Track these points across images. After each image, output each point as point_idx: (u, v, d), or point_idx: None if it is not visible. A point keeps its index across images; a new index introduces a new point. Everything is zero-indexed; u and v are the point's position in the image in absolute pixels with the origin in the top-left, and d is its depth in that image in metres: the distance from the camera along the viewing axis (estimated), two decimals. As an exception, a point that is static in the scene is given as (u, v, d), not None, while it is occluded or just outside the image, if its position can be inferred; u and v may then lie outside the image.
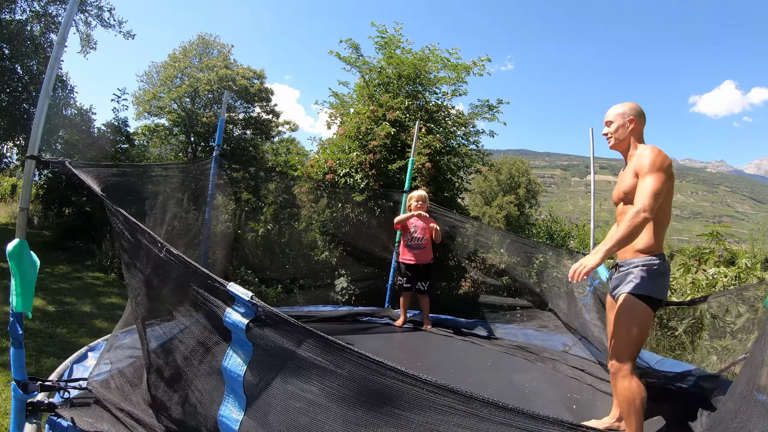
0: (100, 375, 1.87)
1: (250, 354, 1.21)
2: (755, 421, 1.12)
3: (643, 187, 2.12)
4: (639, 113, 2.37)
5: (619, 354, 2.20)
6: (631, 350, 2.20)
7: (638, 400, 2.14)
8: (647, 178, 2.13)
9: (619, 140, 2.37)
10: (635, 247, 2.25)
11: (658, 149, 2.21)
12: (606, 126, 2.44)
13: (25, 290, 1.71)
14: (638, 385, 2.16)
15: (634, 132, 2.35)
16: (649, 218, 2.06)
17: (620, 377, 2.18)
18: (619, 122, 2.36)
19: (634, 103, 2.41)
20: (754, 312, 3.57)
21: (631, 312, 2.17)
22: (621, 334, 2.20)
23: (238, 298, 1.20)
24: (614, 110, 2.40)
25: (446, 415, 0.98)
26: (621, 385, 2.18)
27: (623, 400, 2.18)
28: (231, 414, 1.22)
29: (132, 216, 1.56)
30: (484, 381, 2.97)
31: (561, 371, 3.29)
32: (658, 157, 2.17)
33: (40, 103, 1.72)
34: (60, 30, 1.79)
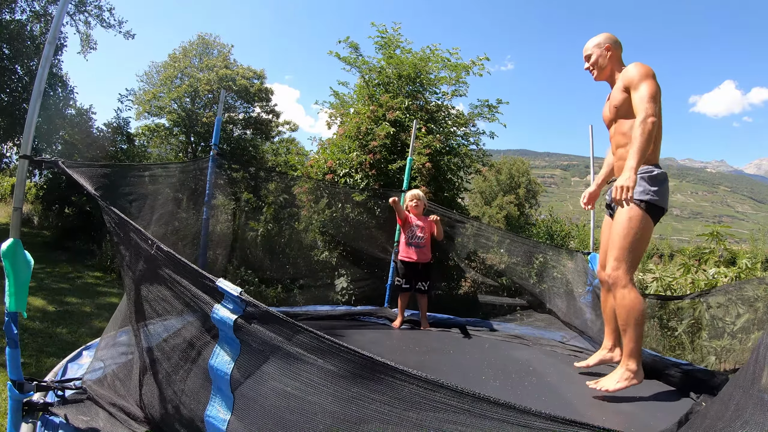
0: (94, 373, 1.86)
1: (238, 351, 1.19)
2: (751, 411, 1.11)
3: (640, 94, 2.16)
4: (614, 41, 2.45)
5: (618, 263, 2.16)
6: (631, 258, 2.17)
7: (638, 310, 2.12)
8: (641, 86, 2.17)
9: (601, 68, 2.45)
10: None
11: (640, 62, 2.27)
12: (586, 60, 2.51)
13: (20, 290, 1.70)
14: (637, 296, 2.13)
15: (613, 58, 2.44)
16: (657, 121, 2.09)
17: (619, 287, 2.15)
18: (598, 53, 2.45)
19: (607, 33, 2.50)
20: (754, 312, 3.56)
21: (630, 218, 2.15)
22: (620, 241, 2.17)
23: (227, 294, 1.19)
24: (590, 43, 2.49)
25: (438, 411, 0.97)
26: (620, 295, 2.15)
27: (622, 311, 2.15)
28: (218, 414, 1.21)
29: (129, 216, 1.55)
30: (484, 358, 2.96)
31: (558, 352, 3.30)
32: (644, 67, 2.23)
33: (32, 102, 1.71)
34: (51, 29, 1.78)
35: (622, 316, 2.15)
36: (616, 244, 2.18)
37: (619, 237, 2.17)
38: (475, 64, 6.97)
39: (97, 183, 1.79)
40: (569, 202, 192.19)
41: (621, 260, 2.16)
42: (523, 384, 2.46)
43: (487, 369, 2.68)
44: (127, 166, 6.35)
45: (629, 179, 2.03)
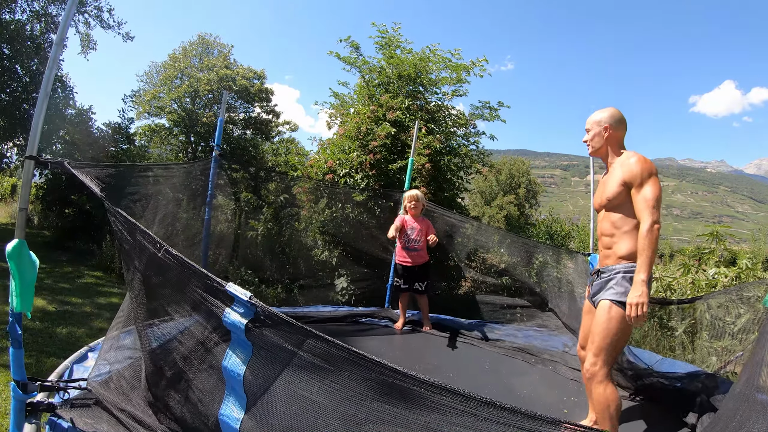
0: (99, 375, 1.87)
1: (250, 354, 1.21)
2: (754, 420, 1.12)
3: (645, 197, 2.12)
4: (616, 120, 2.36)
5: (596, 359, 2.17)
6: (608, 356, 2.18)
7: (613, 406, 2.13)
8: (645, 189, 2.13)
9: (595, 148, 2.39)
10: (617, 254, 2.25)
11: (643, 156, 2.22)
12: (586, 131, 2.45)
13: (25, 290, 1.71)
14: (613, 392, 2.15)
15: (610, 139, 2.35)
16: (660, 226, 2.08)
17: (595, 383, 2.17)
18: (595, 130, 2.37)
19: (614, 109, 2.40)
20: (755, 312, 3.57)
21: (610, 319, 2.15)
22: (599, 340, 2.18)
23: (237, 298, 1.20)
24: (592, 118, 2.42)
25: (445, 414, 0.98)
26: (596, 391, 2.17)
27: (598, 406, 2.17)
28: (232, 413, 1.23)
29: (132, 216, 1.56)
30: (481, 385, 2.97)
31: (560, 373, 3.29)
32: (647, 163, 2.18)
33: (39, 103, 1.71)
34: (58, 31, 1.79)
35: (598, 410, 2.18)
36: (595, 341, 2.20)
37: (599, 336, 2.18)
38: (475, 65, 6.98)
39: (102, 183, 1.80)
40: (569, 202, 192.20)
41: (599, 357, 2.17)
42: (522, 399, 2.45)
43: (494, 391, 2.69)
44: (131, 166, 6.35)
45: (643, 295, 2.02)
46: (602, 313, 2.20)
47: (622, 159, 2.29)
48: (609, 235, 2.30)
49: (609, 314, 2.16)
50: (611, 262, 2.27)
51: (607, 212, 2.33)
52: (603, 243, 2.37)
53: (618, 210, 2.25)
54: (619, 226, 2.25)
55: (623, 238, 2.23)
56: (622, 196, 2.22)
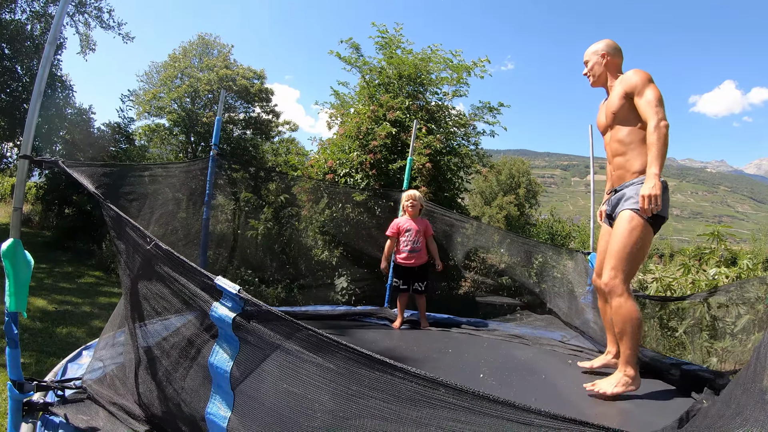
0: (94, 373, 1.86)
1: (237, 349, 1.19)
2: (751, 409, 1.11)
3: (647, 99, 2.16)
4: (613, 48, 2.44)
5: (615, 272, 2.15)
6: (629, 267, 2.16)
7: (635, 318, 2.11)
8: (646, 91, 2.18)
9: (596, 76, 2.45)
10: (631, 170, 2.26)
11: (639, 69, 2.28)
12: (585, 65, 2.51)
13: (19, 290, 1.70)
14: (633, 305, 2.13)
15: (609, 65, 2.42)
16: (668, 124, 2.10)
17: (616, 296, 2.14)
18: (594, 60, 2.44)
19: (608, 39, 2.48)
20: (755, 313, 3.56)
21: (632, 229, 2.14)
22: (618, 250, 2.15)
23: (225, 291, 1.18)
24: (589, 50, 2.49)
25: (437, 408, 0.97)
26: (616, 304, 2.14)
27: (619, 320, 2.14)
28: (218, 411, 1.21)
29: (130, 216, 1.55)
30: (483, 357, 2.95)
31: (559, 351, 3.30)
32: (643, 73, 2.24)
33: (33, 102, 1.71)
34: (51, 30, 1.78)
35: (619, 325, 2.15)
36: (614, 253, 2.17)
37: (618, 246, 2.16)
38: (476, 65, 6.97)
39: (98, 182, 1.79)
40: (569, 202, 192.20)
41: (618, 269, 2.15)
42: (522, 382, 2.46)
43: (485, 368, 2.69)
44: (128, 165, 6.35)
45: (655, 187, 2.03)
46: (622, 222, 2.19)
47: (620, 77, 2.36)
48: (620, 154, 2.31)
49: (630, 223, 2.15)
50: (627, 178, 2.28)
51: (612, 131, 2.36)
52: (614, 164, 2.37)
53: (624, 124, 2.28)
54: (628, 142, 2.26)
55: (634, 152, 2.24)
56: (626, 108, 2.26)
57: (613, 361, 2.55)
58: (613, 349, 2.57)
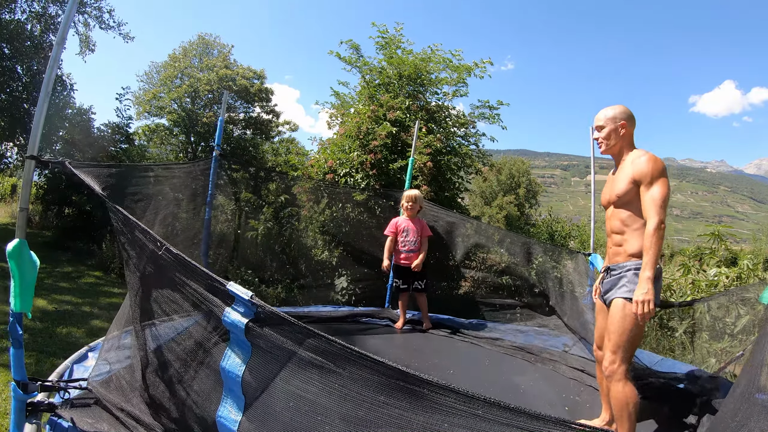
0: (99, 375, 1.86)
1: (249, 354, 1.20)
2: (755, 420, 1.12)
3: (653, 196, 2.13)
4: (630, 117, 2.36)
5: (615, 356, 2.18)
6: (628, 352, 2.18)
7: (632, 404, 2.13)
8: (654, 189, 2.14)
9: (610, 146, 2.37)
10: (628, 252, 2.26)
11: (653, 155, 2.23)
12: (597, 131, 2.42)
13: (25, 290, 1.71)
14: (632, 389, 2.15)
15: (625, 136, 2.35)
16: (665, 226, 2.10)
17: (614, 381, 2.17)
18: (611, 127, 2.35)
19: (623, 106, 2.40)
20: (755, 314, 3.56)
21: (625, 316, 2.16)
22: (615, 337, 2.18)
23: (237, 297, 1.19)
24: (605, 114, 2.39)
25: (447, 415, 0.97)
26: (615, 389, 2.17)
27: (617, 404, 2.17)
28: (229, 414, 1.21)
29: (133, 215, 1.55)
30: (482, 382, 2.97)
31: (560, 372, 3.28)
32: (657, 163, 2.19)
33: (40, 103, 1.71)
34: (59, 30, 1.79)
35: (617, 408, 2.18)
36: (612, 339, 2.21)
37: (615, 334, 2.19)
38: (477, 66, 6.98)
39: (103, 183, 1.80)
40: (569, 202, 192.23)
41: (617, 354, 2.18)
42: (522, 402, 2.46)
43: (491, 389, 2.69)
44: (132, 166, 6.35)
45: (648, 292, 2.03)
46: (616, 311, 2.21)
47: (632, 157, 2.29)
48: (619, 233, 2.32)
49: (623, 312, 2.17)
50: (621, 260, 2.28)
51: (615, 209, 2.34)
52: (613, 240, 2.37)
53: (627, 207, 2.27)
54: (629, 224, 2.26)
55: (633, 235, 2.24)
56: (632, 193, 2.23)
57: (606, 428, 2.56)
58: (606, 416, 2.58)
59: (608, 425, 2.55)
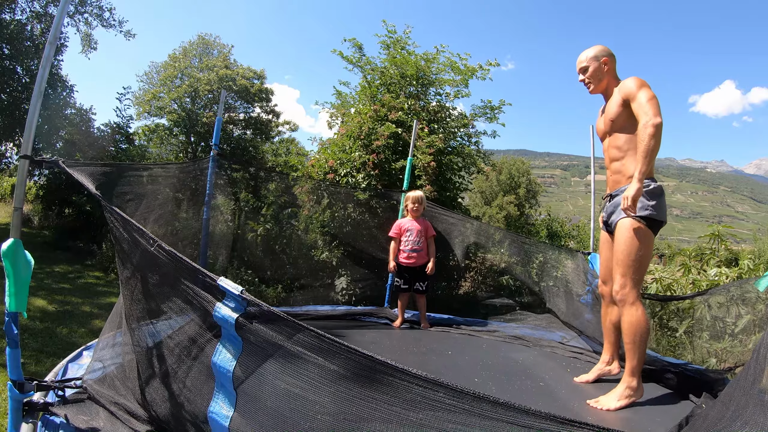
0: (94, 373, 1.86)
1: (240, 349, 1.20)
2: (751, 411, 1.11)
3: (640, 101, 2.18)
4: (610, 53, 2.43)
5: (625, 280, 2.17)
6: (637, 274, 2.17)
7: (644, 327, 2.13)
8: (639, 94, 2.19)
9: (599, 82, 2.43)
10: (626, 174, 2.27)
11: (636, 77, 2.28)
12: (581, 72, 2.47)
13: (20, 290, 1.70)
14: (644, 314, 2.14)
15: (609, 72, 2.42)
16: (661, 122, 2.10)
17: (627, 304, 2.15)
18: (595, 65, 2.42)
19: (601, 45, 2.47)
20: (756, 313, 3.55)
21: (630, 235, 2.16)
22: (624, 258, 2.17)
23: (228, 292, 1.19)
24: (586, 55, 2.45)
25: (438, 410, 0.97)
26: (627, 313, 2.15)
27: (629, 329, 2.15)
28: (221, 410, 1.22)
29: (129, 215, 1.55)
30: (480, 359, 2.96)
31: (558, 353, 3.30)
32: (639, 79, 2.25)
33: (33, 102, 1.71)
34: (51, 30, 1.78)
35: (629, 334, 2.16)
36: (620, 263, 2.19)
37: (622, 255, 2.18)
38: (482, 68, 6.95)
39: (98, 182, 1.79)
40: (569, 202, 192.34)
41: (627, 277, 2.17)
42: (521, 386, 2.47)
43: (484, 371, 2.69)
44: (128, 165, 6.34)
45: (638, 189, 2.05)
46: (623, 231, 2.20)
47: (619, 85, 2.36)
48: (617, 159, 2.34)
49: (629, 231, 2.17)
50: (623, 182, 2.30)
51: (611, 137, 2.37)
52: (612, 168, 2.39)
53: (622, 131, 2.30)
54: (626, 149, 2.28)
55: (630, 158, 2.26)
56: (624, 115, 2.28)
57: (606, 369, 2.57)
58: (607, 356, 2.58)
59: (608, 364, 2.56)
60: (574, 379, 2.63)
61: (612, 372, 2.57)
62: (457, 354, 3.08)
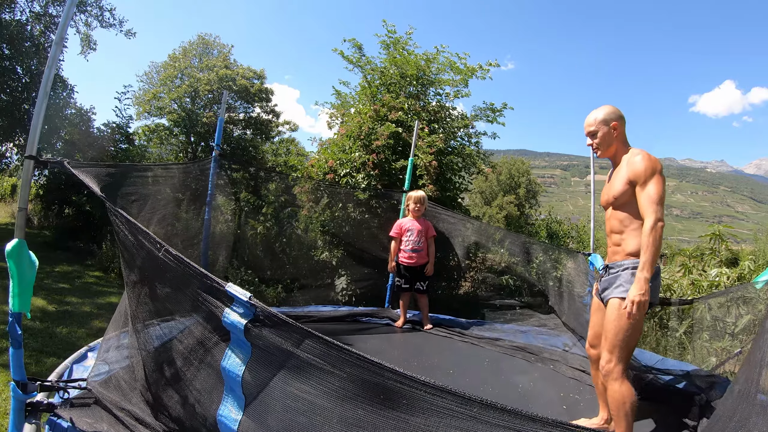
0: (99, 375, 1.86)
1: (249, 354, 1.21)
2: (754, 421, 1.11)
3: (648, 194, 2.14)
4: (620, 116, 2.36)
5: (611, 356, 2.18)
6: (625, 352, 2.18)
7: (629, 403, 2.13)
8: (649, 187, 2.15)
9: (605, 149, 2.37)
10: (626, 250, 2.26)
11: (648, 153, 2.23)
12: (590, 136, 2.41)
13: (24, 290, 1.70)
14: (629, 389, 2.15)
15: (619, 137, 2.35)
16: (663, 224, 2.10)
17: (611, 380, 2.17)
18: (604, 130, 2.34)
19: (611, 106, 2.40)
20: (756, 313, 3.56)
21: (621, 315, 2.15)
22: (612, 336, 2.18)
23: (236, 298, 1.20)
24: (595, 118, 2.38)
25: (445, 417, 0.97)
26: (612, 388, 2.17)
27: (614, 403, 2.17)
28: (230, 414, 1.22)
29: (132, 216, 1.55)
30: (482, 382, 2.97)
31: (560, 371, 3.28)
32: (651, 161, 2.19)
33: (38, 103, 1.71)
34: (58, 30, 1.78)
35: (614, 407, 2.18)
36: (609, 339, 2.20)
37: (611, 334, 2.19)
38: (481, 68, 6.95)
39: (102, 183, 1.80)
40: (569, 202, 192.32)
41: (614, 354, 2.18)
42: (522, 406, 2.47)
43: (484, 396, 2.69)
44: (131, 166, 6.34)
45: (645, 293, 2.04)
46: (613, 310, 2.21)
47: (628, 157, 2.30)
48: (617, 233, 2.32)
49: (619, 311, 2.17)
50: (620, 258, 2.29)
51: (614, 210, 2.35)
52: (612, 240, 2.38)
53: (624, 208, 2.27)
54: (627, 224, 2.27)
55: (631, 234, 2.25)
56: (628, 194, 2.24)
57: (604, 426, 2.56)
58: (604, 414, 2.57)
59: (606, 423, 2.55)
60: (574, 422, 2.62)
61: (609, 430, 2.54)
62: (459, 373, 3.09)
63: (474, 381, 2.94)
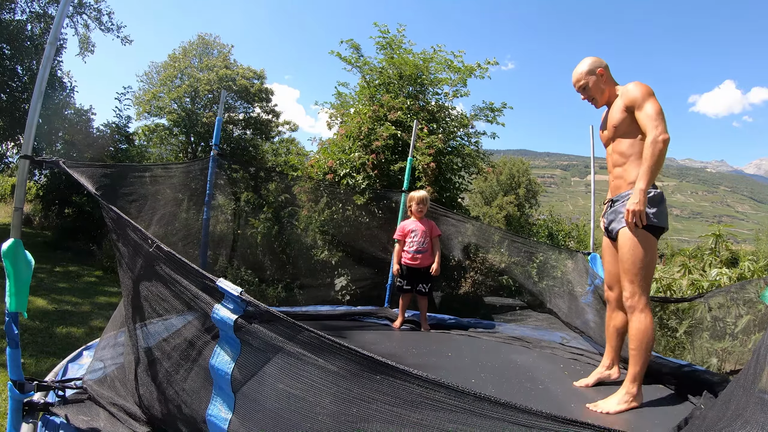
0: (94, 373, 1.86)
1: (238, 351, 1.19)
2: (752, 410, 1.11)
3: (647, 112, 2.17)
4: (602, 62, 2.42)
5: (633, 287, 2.18)
6: (645, 281, 2.18)
7: (651, 335, 2.14)
8: (646, 105, 2.18)
9: (599, 96, 2.42)
10: (627, 180, 2.27)
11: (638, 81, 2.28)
12: (581, 91, 2.46)
13: (20, 290, 1.70)
14: (652, 321, 2.16)
15: (608, 81, 2.41)
16: (668, 138, 2.10)
17: (636, 312, 2.17)
18: (592, 80, 2.41)
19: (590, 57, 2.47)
20: (756, 313, 3.55)
21: (633, 243, 2.16)
22: (630, 267, 2.18)
23: (227, 293, 1.19)
24: (580, 72, 2.44)
25: (439, 411, 0.97)
26: (638, 320, 2.16)
27: (636, 336, 2.16)
28: (219, 413, 1.21)
29: (131, 217, 1.55)
30: (480, 361, 2.96)
31: (559, 354, 3.30)
32: (643, 86, 2.24)
33: (33, 102, 1.71)
34: (52, 30, 1.78)
35: (635, 340, 2.17)
36: (627, 271, 2.20)
37: (628, 264, 2.19)
38: (480, 67, 6.95)
39: (98, 183, 1.79)
40: (569, 202, 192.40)
41: (636, 285, 2.18)
42: (519, 388, 2.47)
43: (483, 372, 2.69)
44: (128, 166, 6.35)
45: (639, 202, 2.06)
46: (626, 240, 2.21)
47: (620, 90, 2.36)
48: (619, 165, 2.34)
49: (632, 240, 2.18)
50: (623, 189, 2.30)
51: (614, 143, 2.37)
52: (614, 174, 2.39)
53: (625, 136, 2.30)
54: (628, 154, 2.28)
55: (633, 164, 2.26)
56: (627, 121, 2.27)
57: (606, 373, 2.57)
58: (607, 360, 2.58)
59: (608, 368, 2.56)
60: (574, 383, 2.63)
61: (612, 376, 2.57)
62: (457, 356, 3.08)
63: (472, 361, 2.93)
